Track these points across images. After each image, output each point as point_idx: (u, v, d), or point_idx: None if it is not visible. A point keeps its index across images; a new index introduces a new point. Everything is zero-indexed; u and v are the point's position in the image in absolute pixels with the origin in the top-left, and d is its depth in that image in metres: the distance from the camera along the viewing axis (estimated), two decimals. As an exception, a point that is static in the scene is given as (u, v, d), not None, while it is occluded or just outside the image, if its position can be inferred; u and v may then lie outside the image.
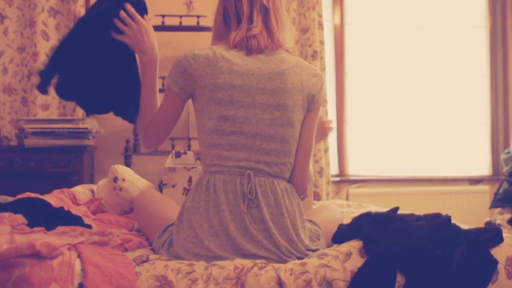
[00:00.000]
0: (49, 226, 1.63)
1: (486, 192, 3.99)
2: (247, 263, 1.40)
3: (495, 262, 1.42)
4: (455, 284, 1.38)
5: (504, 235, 1.53)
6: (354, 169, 4.04)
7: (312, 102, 1.63)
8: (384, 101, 4.08)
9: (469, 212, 3.94)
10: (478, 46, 4.19)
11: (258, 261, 1.43)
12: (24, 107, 3.41)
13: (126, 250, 1.61)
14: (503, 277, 1.41)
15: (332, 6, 4.03)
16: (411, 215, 1.61)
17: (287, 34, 1.66)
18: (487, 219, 3.68)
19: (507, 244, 1.49)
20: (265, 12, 1.60)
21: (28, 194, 2.08)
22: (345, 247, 1.47)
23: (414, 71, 4.12)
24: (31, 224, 1.61)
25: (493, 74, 4.18)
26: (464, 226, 1.62)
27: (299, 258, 1.50)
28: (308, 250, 1.56)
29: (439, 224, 1.50)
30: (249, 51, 1.58)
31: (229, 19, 1.62)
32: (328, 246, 1.64)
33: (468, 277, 1.39)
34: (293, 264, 1.42)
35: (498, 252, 1.45)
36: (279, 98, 1.56)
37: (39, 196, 2.09)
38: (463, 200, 3.98)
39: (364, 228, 1.50)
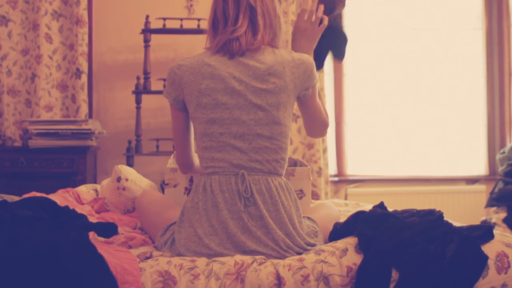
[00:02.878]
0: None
1: (482, 191, 4.03)
2: (247, 259, 1.45)
3: (485, 258, 1.45)
4: (447, 279, 1.42)
5: (495, 232, 1.57)
6: (352, 169, 4.09)
7: (305, 90, 1.67)
8: (381, 102, 4.13)
9: (466, 211, 3.99)
10: (475, 48, 4.24)
11: (257, 257, 1.47)
12: (28, 109, 3.46)
13: (130, 247, 1.66)
14: (493, 272, 1.45)
15: (331, 8, 4.08)
16: (405, 211, 1.66)
17: (279, 29, 1.69)
18: (483, 218, 3.73)
19: (497, 241, 1.52)
20: (252, 11, 1.64)
21: (34, 194, 2.12)
22: (341, 243, 1.52)
23: (411, 72, 4.16)
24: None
25: (489, 75, 4.22)
26: (457, 224, 1.67)
27: (297, 253, 1.55)
28: (306, 244, 1.60)
29: (431, 221, 1.54)
30: (231, 55, 1.62)
31: (217, 23, 1.66)
32: (325, 243, 1.69)
33: (459, 272, 1.42)
34: (291, 259, 1.46)
35: (489, 248, 1.49)
36: (261, 99, 1.60)
37: (44, 195, 2.14)
38: (460, 200, 4.02)
39: (359, 226, 1.55)
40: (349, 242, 1.52)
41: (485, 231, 1.54)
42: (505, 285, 1.45)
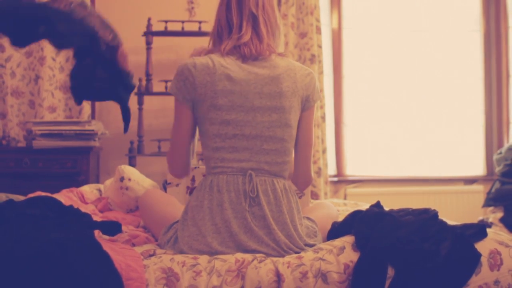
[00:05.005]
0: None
1: (480, 191, 4.07)
2: (248, 256, 1.48)
3: (478, 255, 1.49)
4: (441, 276, 1.45)
5: (488, 230, 1.61)
6: (351, 170, 4.12)
7: (307, 101, 1.71)
8: (380, 103, 4.17)
9: (464, 211, 4.02)
10: (473, 49, 4.28)
11: (258, 255, 1.51)
12: (32, 110, 3.50)
13: (133, 245, 1.69)
14: (486, 269, 1.49)
15: (330, 10, 4.12)
16: (401, 210, 1.70)
17: (279, 38, 1.74)
18: (480, 218, 3.76)
19: (490, 239, 1.56)
20: (254, 20, 1.68)
21: (39, 193, 2.16)
22: (339, 241, 1.56)
23: (410, 74, 4.20)
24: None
25: (487, 76, 4.25)
26: (452, 222, 1.71)
27: (297, 253, 1.58)
28: (305, 245, 1.63)
29: (426, 219, 1.57)
30: (244, 59, 1.66)
31: (221, 30, 1.70)
32: (324, 242, 1.73)
33: (453, 269, 1.46)
34: (290, 257, 1.50)
35: (482, 246, 1.52)
36: (276, 102, 1.64)
37: (49, 195, 2.17)
38: (458, 200, 4.05)
39: (356, 224, 1.59)
40: (346, 240, 1.55)
41: (478, 229, 1.57)
42: (497, 282, 1.49)
